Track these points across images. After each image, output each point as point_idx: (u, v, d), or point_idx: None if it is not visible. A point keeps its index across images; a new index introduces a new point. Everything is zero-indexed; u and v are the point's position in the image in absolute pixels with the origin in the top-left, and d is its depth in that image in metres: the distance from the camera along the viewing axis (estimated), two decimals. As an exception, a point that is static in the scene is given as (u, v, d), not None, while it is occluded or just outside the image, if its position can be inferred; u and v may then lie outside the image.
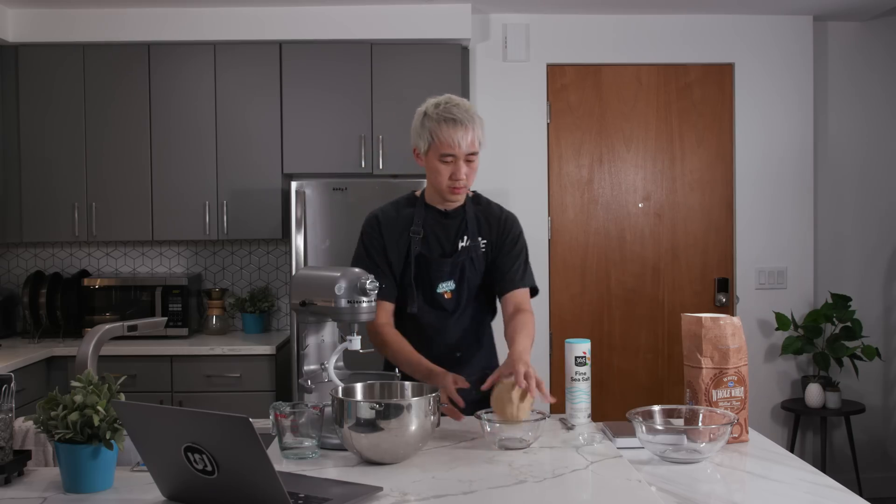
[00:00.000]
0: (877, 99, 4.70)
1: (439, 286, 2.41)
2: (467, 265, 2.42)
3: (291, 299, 2.13)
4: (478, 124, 2.31)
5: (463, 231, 2.43)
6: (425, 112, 2.33)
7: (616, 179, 4.58)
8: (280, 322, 4.71)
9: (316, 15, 4.28)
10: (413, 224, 2.41)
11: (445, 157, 2.30)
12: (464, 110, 2.30)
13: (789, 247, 4.58)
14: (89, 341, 1.96)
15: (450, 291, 2.42)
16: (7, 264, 4.69)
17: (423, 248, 2.41)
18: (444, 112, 2.29)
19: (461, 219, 2.44)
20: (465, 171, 2.32)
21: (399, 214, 2.45)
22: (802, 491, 1.76)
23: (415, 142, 2.37)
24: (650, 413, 2.05)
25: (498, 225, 2.47)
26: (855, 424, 4.53)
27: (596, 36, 4.53)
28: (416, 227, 2.41)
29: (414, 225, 2.41)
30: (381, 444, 1.78)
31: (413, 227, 2.41)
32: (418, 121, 2.35)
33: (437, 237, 2.43)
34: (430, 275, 2.41)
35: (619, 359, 4.58)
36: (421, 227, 2.41)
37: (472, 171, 2.35)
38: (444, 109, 2.29)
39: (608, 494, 1.70)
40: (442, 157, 2.30)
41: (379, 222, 2.44)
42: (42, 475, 1.80)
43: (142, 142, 4.32)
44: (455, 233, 2.43)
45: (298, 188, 4.06)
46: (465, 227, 2.43)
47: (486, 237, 2.45)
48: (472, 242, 2.42)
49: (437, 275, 2.41)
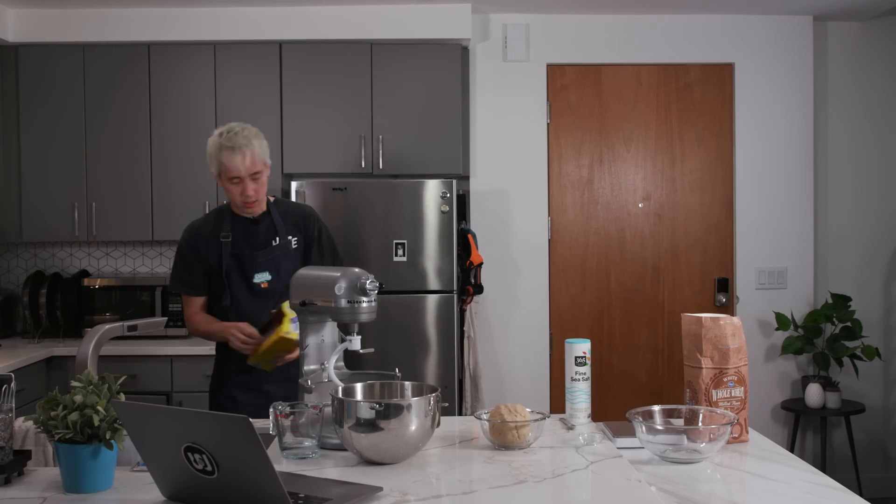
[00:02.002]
0: (877, 99, 4.70)
1: (255, 276, 2.75)
2: (282, 259, 2.77)
3: (291, 299, 2.14)
4: (257, 146, 2.66)
5: (273, 233, 2.78)
6: (210, 142, 2.69)
7: (616, 179, 4.59)
8: (280, 322, 4.70)
9: (316, 15, 4.28)
10: (222, 231, 2.76)
11: (233, 179, 2.66)
12: (242, 137, 2.64)
13: (789, 247, 4.58)
14: (89, 341, 1.97)
15: (266, 282, 2.76)
16: (7, 264, 4.69)
17: (233, 248, 2.75)
18: (225, 141, 2.64)
19: (269, 223, 2.79)
20: (254, 187, 2.68)
21: (211, 223, 2.81)
22: (802, 491, 1.76)
23: (209, 166, 2.71)
24: (650, 413, 2.05)
25: (303, 223, 2.83)
26: (855, 424, 4.53)
27: (596, 36, 4.53)
28: (226, 232, 2.76)
29: (223, 231, 2.76)
30: (381, 444, 1.78)
31: (223, 233, 2.75)
32: (208, 150, 2.70)
33: (248, 241, 2.77)
34: (245, 268, 2.75)
35: (619, 359, 4.58)
36: (230, 231, 2.75)
37: (261, 185, 2.71)
38: (225, 138, 2.64)
39: (608, 494, 1.70)
40: (230, 179, 2.66)
41: (192, 232, 2.83)
42: (42, 475, 1.79)
43: (142, 142, 4.32)
44: (265, 235, 2.78)
45: (298, 188, 4.05)
46: (274, 229, 2.78)
47: (295, 234, 2.81)
48: (282, 241, 2.78)
49: (251, 267, 2.75)
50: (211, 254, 2.78)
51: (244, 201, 2.71)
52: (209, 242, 2.78)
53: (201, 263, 2.79)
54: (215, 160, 2.68)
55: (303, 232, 2.83)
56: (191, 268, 2.80)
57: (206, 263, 2.79)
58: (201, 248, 2.79)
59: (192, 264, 2.80)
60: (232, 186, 2.69)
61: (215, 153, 2.67)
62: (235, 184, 2.68)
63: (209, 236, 2.79)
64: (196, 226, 2.86)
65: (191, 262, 2.80)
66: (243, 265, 2.76)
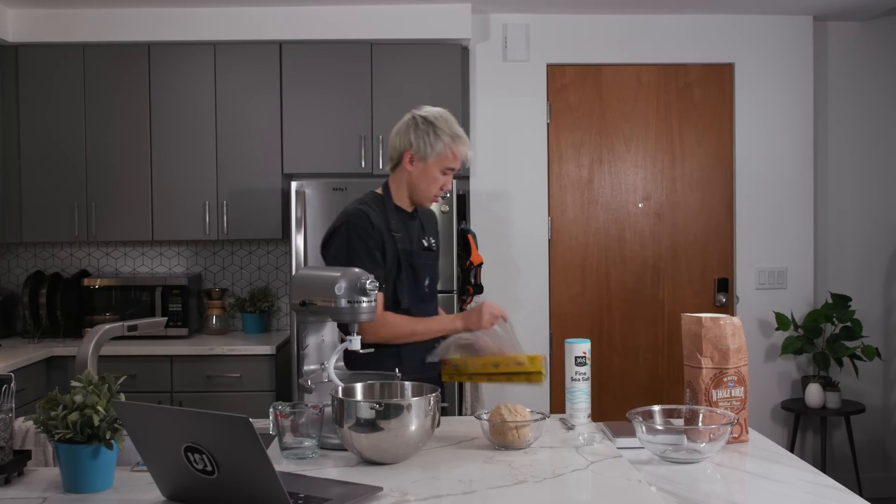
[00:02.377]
0: (877, 99, 4.70)
1: (426, 279, 2.57)
2: (434, 260, 2.64)
3: (291, 299, 2.13)
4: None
5: (423, 231, 2.61)
6: (433, 124, 2.46)
7: (616, 179, 4.59)
8: (280, 322, 4.71)
9: (316, 15, 4.29)
10: (391, 225, 2.51)
11: (447, 170, 2.47)
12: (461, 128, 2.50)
13: (789, 247, 4.58)
14: (89, 341, 1.96)
15: (428, 285, 2.59)
16: (7, 264, 4.69)
17: (405, 247, 2.51)
18: (453, 129, 2.46)
19: (418, 219, 2.62)
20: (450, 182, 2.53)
21: (378, 214, 2.52)
22: (802, 491, 1.76)
23: (420, 149, 2.47)
24: (650, 413, 2.05)
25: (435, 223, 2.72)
26: (855, 424, 4.53)
27: (596, 36, 4.53)
28: (395, 226, 2.51)
29: (391, 226, 2.50)
30: (381, 444, 1.78)
31: (391, 226, 2.50)
32: (428, 131, 2.46)
33: (410, 238, 2.55)
34: (414, 270, 2.53)
35: (619, 359, 4.58)
36: (397, 228, 2.52)
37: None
38: (451, 126, 2.46)
39: (608, 494, 1.70)
40: (445, 169, 2.47)
41: (370, 220, 2.48)
42: (42, 475, 1.79)
43: (142, 142, 4.32)
44: (418, 232, 2.59)
45: (298, 188, 4.06)
46: (422, 226, 2.62)
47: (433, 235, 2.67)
48: (434, 240, 2.64)
49: (422, 269, 2.55)
50: (386, 248, 2.49)
51: (438, 196, 2.55)
52: (382, 235, 2.49)
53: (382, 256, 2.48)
54: (442, 144, 2.45)
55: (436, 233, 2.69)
56: (375, 260, 2.44)
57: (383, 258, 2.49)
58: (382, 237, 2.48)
59: (376, 257, 2.45)
60: (441, 177, 2.50)
61: (446, 139, 2.45)
62: (446, 174, 2.50)
63: (382, 228, 2.50)
64: (368, 213, 2.49)
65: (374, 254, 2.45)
66: (413, 264, 2.52)
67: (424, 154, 2.46)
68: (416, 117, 2.51)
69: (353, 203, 2.55)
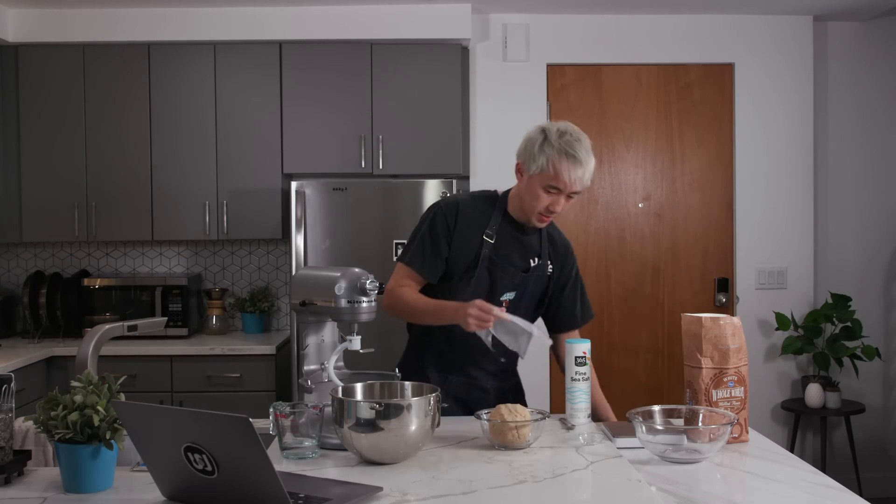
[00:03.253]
0: (877, 99, 4.70)
1: (504, 294, 2.38)
2: (532, 281, 2.41)
3: (291, 299, 2.13)
4: (593, 165, 2.29)
5: (536, 252, 2.43)
6: (546, 135, 2.28)
7: (616, 179, 4.59)
8: (280, 322, 4.71)
9: (316, 15, 4.28)
10: (488, 227, 2.37)
11: (551, 189, 2.27)
12: (584, 149, 2.26)
13: (789, 247, 4.58)
14: (89, 341, 1.96)
15: (508, 300, 2.39)
16: (7, 264, 4.69)
17: (493, 254, 2.36)
18: (568, 146, 2.24)
19: (537, 238, 2.44)
20: (563, 205, 2.30)
21: (477, 211, 2.41)
22: (802, 491, 1.76)
23: (525, 160, 2.31)
24: (650, 413, 2.05)
25: (564, 254, 2.49)
26: (855, 424, 4.53)
27: (596, 36, 4.53)
28: (491, 230, 2.37)
29: (489, 228, 2.37)
30: (381, 444, 1.78)
31: (488, 229, 2.37)
32: (537, 141, 2.29)
33: (508, 248, 2.39)
34: (495, 280, 2.37)
35: (619, 359, 4.58)
36: (495, 232, 2.37)
37: (569, 205, 2.34)
38: (567, 143, 2.25)
39: (608, 494, 1.70)
40: (548, 186, 2.27)
41: (458, 211, 2.39)
42: (42, 475, 1.79)
43: (142, 142, 4.32)
44: (529, 251, 2.42)
45: (298, 188, 4.06)
46: (540, 247, 2.43)
47: (553, 262, 2.46)
48: (542, 262, 2.43)
49: (505, 283, 2.38)
50: (466, 245, 2.37)
51: (544, 215, 2.33)
52: (470, 231, 2.38)
53: (450, 249, 2.38)
54: (545, 159, 2.26)
55: (561, 264, 2.48)
56: (437, 246, 2.36)
57: (455, 253, 2.38)
58: (459, 232, 2.38)
59: (440, 244, 2.36)
60: (545, 195, 2.29)
61: (551, 154, 2.25)
62: (552, 194, 2.29)
63: (473, 223, 2.39)
64: (461, 203, 2.42)
65: (440, 241, 2.37)
66: (495, 277, 2.37)
67: (529, 166, 2.30)
68: (539, 127, 2.33)
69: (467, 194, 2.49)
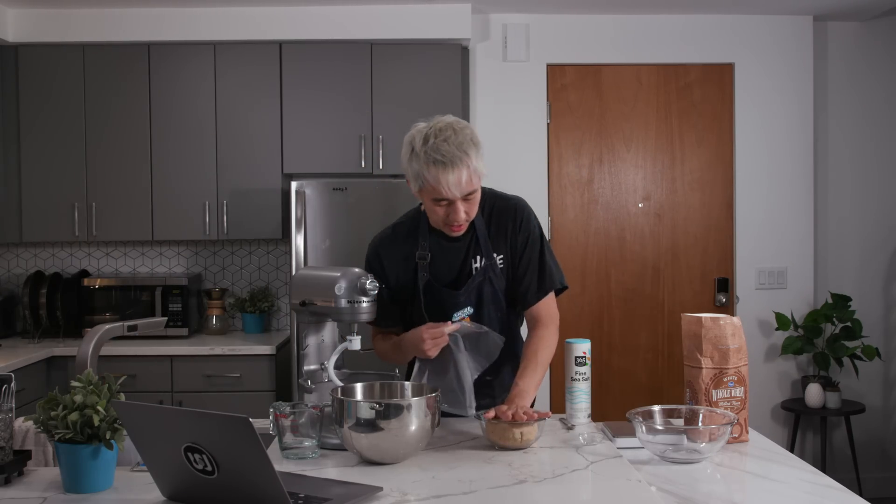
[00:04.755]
0: (877, 99, 4.70)
1: (454, 315, 2.20)
2: (485, 287, 2.20)
3: (291, 299, 2.13)
4: (473, 157, 2.03)
5: (475, 251, 2.20)
6: (412, 147, 2.05)
7: (616, 179, 4.59)
8: (280, 322, 4.71)
9: (316, 15, 4.28)
10: (418, 248, 2.21)
11: (439, 201, 2.07)
12: (454, 146, 2.01)
13: (789, 247, 4.58)
14: (89, 341, 1.96)
15: (468, 317, 2.21)
16: (7, 264, 4.69)
17: (431, 275, 2.20)
18: (434, 152, 2.00)
19: (470, 238, 2.21)
20: (465, 208, 2.08)
21: (399, 239, 2.24)
22: (802, 491, 1.76)
23: (406, 175, 2.12)
24: (650, 413, 2.05)
25: (509, 225, 2.23)
26: (855, 424, 4.53)
27: (596, 36, 4.53)
28: (422, 251, 2.20)
29: (419, 249, 2.20)
30: (381, 444, 1.78)
31: (419, 251, 2.20)
32: (406, 155, 2.08)
33: (445, 259, 2.21)
34: (442, 304, 2.20)
35: (619, 359, 4.58)
36: (427, 250, 2.20)
37: (473, 205, 2.11)
38: (431, 148, 2.00)
39: (608, 494, 1.70)
40: (435, 200, 2.07)
41: (378, 249, 2.25)
42: (42, 475, 1.79)
43: (142, 142, 4.32)
44: (465, 254, 2.21)
45: (298, 188, 4.06)
46: (478, 246, 2.20)
47: (502, 250, 2.22)
48: (486, 262, 2.20)
49: (451, 304, 2.19)
50: (407, 275, 2.23)
51: (450, 225, 2.12)
52: (403, 263, 2.23)
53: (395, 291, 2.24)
54: (417, 175, 2.05)
55: (510, 243, 2.22)
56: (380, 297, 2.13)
57: (397, 290, 2.24)
58: (393, 271, 2.23)
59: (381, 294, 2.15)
60: (437, 208, 2.09)
61: (419, 167, 2.03)
62: (443, 205, 2.08)
63: (398, 253, 2.23)
64: (379, 241, 2.27)
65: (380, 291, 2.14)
66: (442, 300, 2.20)
67: (411, 184, 2.10)
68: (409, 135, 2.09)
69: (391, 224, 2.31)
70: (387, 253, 2.25)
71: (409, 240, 2.24)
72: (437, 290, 2.20)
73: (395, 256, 2.24)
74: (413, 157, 2.05)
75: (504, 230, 2.23)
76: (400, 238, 2.25)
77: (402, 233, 2.26)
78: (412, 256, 2.22)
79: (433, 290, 2.21)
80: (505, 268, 2.23)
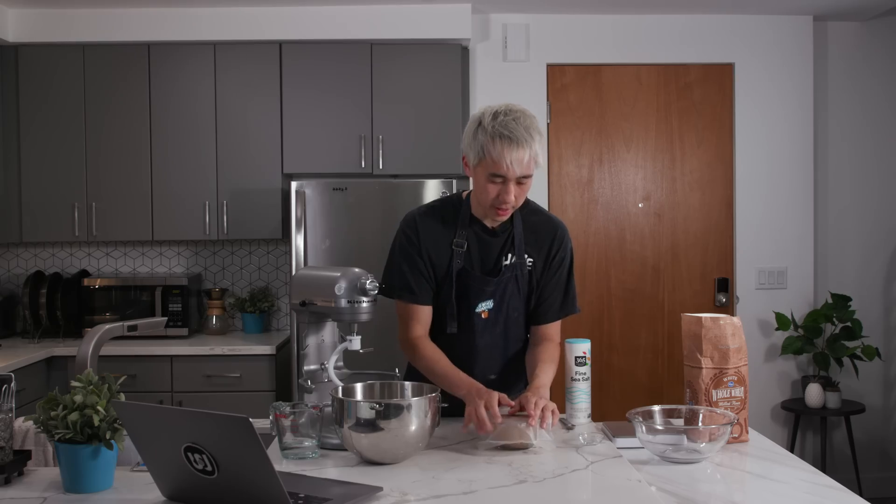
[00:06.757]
0: (877, 99, 4.70)
1: (478, 305, 2.22)
2: (510, 284, 2.23)
3: (291, 299, 2.13)
4: (537, 142, 2.07)
5: (508, 248, 2.23)
6: (480, 122, 2.08)
7: (616, 179, 4.58)
8: (280, 322, 4.71)
9: (316, 15, 4.28)
10: (456, 235, 2.21)
11: (495, 178, 2.08)
12: (523, 126, 2.05)
13: (789, 247, 4.58)
14: (89, 341, 1.96)
15: (487, 311, 2.24)
16: (7, 264, 4.69)
17: (466, 263, 2.21)
18: (502, 127, 2.03)
19: (507, 235, 2.24)
20: (515, 192, 2.10)
21: (439, 221, 2.24)
22: (802, 491, 1.76)
23: (465, 151, 2.13)
24: (650, 413, 2.05)
25: (549, 238, 2.29)
26: (855, 424, 4.53)
27: (596, 36, 4.53)
28: (460, 238, 2.20)
29: (457, 237, 2.20)
30: (381, 444, 1.78)
31: (456, 238, 2.20)
32: (471, 129, 2.10)
33: (479, 252, 2.22)
34: (468, 292, 2.21)
35: (619, 359, 4.58)
36: (465, 239, 2.20)
37: (523, 192, 2.14)
38: (501, 124, 2.04)
39: (608, 494, 1.70)
40: (491, 175, 2.07)
41: (417, 225, 2.23)
42: (42, 475, 1.79)
43: (142, 142, 4.32)
44: (500, 250, 2.23)
45: (298, 188, 4.06)
46: (512, 244, 2.23)
47: (534, 255, 2.26)
48: (517, 260, 2.23)
49: (477, 294, 2.21)
50: (440, 259, 2.21)
51: (497, 207, 2.12)
52: (439, 244, 2.22)
53: (431, 268, 2.22)
54: (479, 146, 2.06)
55: (546, 252, 2.28)
56: (417, 270, 2.19)
57: (434, 270, 2.22)
58: (431, 248, 2.21)
59: (418, 266, 2.19)
60: (490, 185, 2.09)
61: (484, 139, 2.05)
62: (496, 183, 2.09)
63: (436, 235, 2.22)
64: (418, 217, 2.24)
65: (417, 263, 2.20)
66: (468, 287, 2.21)
67: (469, 157, 2.12)
68: (476, 113, 2.13)
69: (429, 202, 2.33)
70: (425, 226, 2.23)
71: (448, 224, 2.23)
72: (472, 277, 2.20)
73: (432, 232, 2.23)
74: (479, 131, 2.08)
75: (541, 245, 2.28)
76: (440, 218, 2.24)
77: (442, 215, 2.25)
78: (447, 241, 2.22)
79: (465, 277, 2.21)
80: (532, 272, 2.27)
